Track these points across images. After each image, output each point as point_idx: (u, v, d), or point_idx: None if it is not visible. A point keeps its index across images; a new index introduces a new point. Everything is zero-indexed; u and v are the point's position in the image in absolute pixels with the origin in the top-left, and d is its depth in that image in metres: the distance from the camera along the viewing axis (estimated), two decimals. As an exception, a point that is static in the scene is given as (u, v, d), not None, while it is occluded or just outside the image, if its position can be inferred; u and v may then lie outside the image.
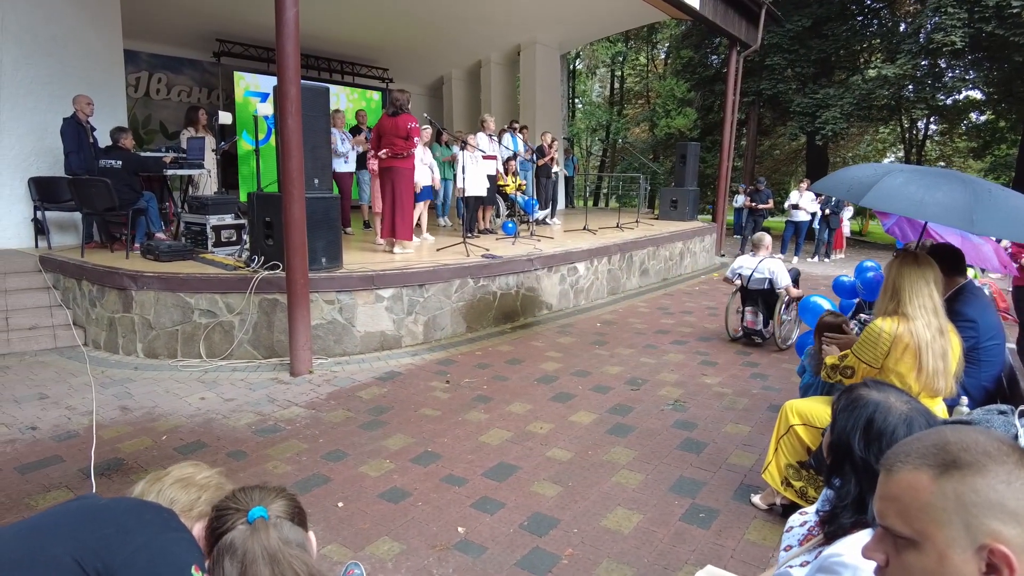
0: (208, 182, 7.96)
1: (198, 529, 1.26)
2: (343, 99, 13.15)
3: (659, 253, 9.59)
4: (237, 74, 11.63)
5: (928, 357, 2.41)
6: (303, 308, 4.92)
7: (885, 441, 1.30)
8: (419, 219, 7.79)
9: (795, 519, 1.49)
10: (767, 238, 6.14)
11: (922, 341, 2.41)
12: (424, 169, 7.73)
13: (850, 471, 1.34)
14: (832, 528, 1.29)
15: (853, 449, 1.34)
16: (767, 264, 5.83)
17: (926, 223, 3.49)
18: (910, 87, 17.51)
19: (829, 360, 2.75)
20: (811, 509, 1.54)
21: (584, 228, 9.51)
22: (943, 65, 17.33)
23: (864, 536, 1.15)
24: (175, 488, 1.31)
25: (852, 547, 1.15)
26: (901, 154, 25.21)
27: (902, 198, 2.55)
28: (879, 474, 1.28)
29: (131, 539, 1.07)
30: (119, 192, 6.17)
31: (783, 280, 5.79)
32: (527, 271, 6.87)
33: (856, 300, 5.32)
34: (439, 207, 10.28)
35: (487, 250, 6.96)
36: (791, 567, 1.35)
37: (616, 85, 30.35)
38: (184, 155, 7.62)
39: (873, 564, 0.87)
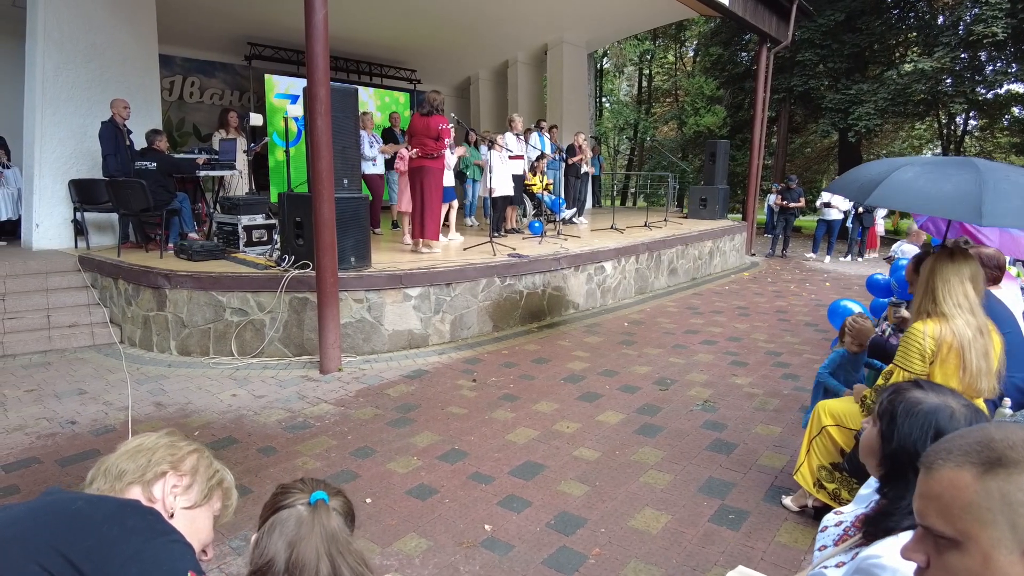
0: (239, 183, 8.12)
1: (159, 489, 1.21)
2: (370, 102, 13.28)
3: (688, 252, 9.48)
4: (268, 76, 11.81)
5: (972, 356, 2.33)
6: (333, 307, 4.97)
7: None
8: (446, 219, 7.82)
9: (830, 519, 1.45)
10: (914, 225, 7.14)
11: (964, 340, 2.33)
12: (448, 171, 7.76)
13: (915, 480, 1.27)
14: (873, 529, 1.25)
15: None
16: (903, 247, 7.09)
17: (950, 220, 3.35)
18: (948, 81, 16.99)
19: (867, 393, 2.62)
20: (847, 509, 1.49)
21: (611, 227, 9.44)
22: (984, 58, 16.81)
23: (904, 537, 1.12)
24: (122, 459, 1.23)
25: (891, 548, 1.11)
26: (939, 150, 24.50)
27: (909, 193, 2.38)
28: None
29: (117, 550, 1.00)
30: (154, 193, 6.32)
31: None
32: (553, 270, 6.85)
33: (890, 299, 5.19)
34: (466, 207, 10.31)
35: (514, 249, 6.96)
36: (825, 567, 1.31)
37: (644, 83, 30.11)
38: (216, 157, 7.79)
39: (913, 565, 0.85)
